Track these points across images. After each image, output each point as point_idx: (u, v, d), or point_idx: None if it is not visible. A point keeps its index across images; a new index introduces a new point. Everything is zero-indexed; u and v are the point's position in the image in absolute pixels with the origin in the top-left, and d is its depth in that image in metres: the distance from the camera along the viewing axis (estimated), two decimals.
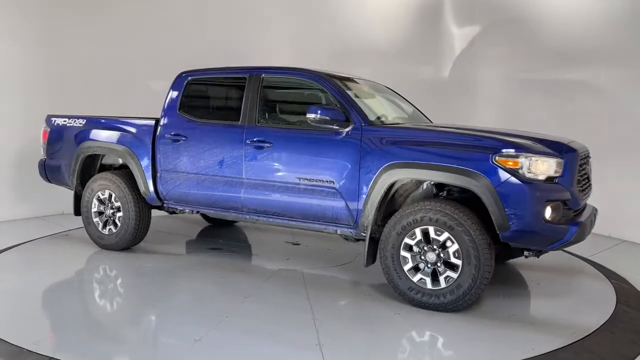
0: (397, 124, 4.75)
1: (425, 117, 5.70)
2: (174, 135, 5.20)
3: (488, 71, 7.93)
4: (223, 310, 4.04)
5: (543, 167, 3.79)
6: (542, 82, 7.47)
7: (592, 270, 5.35)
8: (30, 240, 6.08)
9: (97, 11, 7.88)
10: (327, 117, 4.32)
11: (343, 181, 4.36)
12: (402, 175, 4.14)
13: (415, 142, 4.15)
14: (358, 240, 4.71)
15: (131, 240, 5.57)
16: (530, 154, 3.79)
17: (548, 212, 3.77)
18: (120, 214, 5.54)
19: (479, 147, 3.91)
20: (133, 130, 5.48)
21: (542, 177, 3.79)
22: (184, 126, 5.19)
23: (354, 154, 4.32)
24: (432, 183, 4.40)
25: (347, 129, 4.37)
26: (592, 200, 4.51)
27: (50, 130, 6.06)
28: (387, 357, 3.46)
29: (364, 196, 4.26)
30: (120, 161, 5.97)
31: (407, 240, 4.08)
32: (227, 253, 5.79)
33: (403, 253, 4.11)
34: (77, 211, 5.92)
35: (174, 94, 5.35)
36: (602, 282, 4.96)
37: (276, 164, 4.68)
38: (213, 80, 5.46)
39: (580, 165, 4.14)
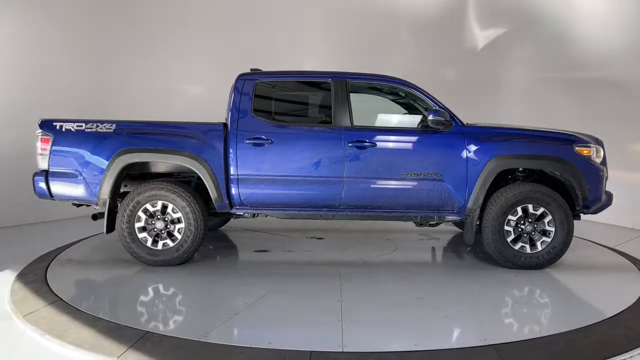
0: (476, 124, 5.62)
1: None
2: (255, 139, 5.15)
3: (512, 71, 8.62)
4: (410, 293, 4.50)
5: (600, 154, 5.27)
6: (564, 81, 8.11)
7: (618, 258, 5.90)
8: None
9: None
10: (442, 119, 5.04)
11: (451, 173, 5.12)
12: (508, 166, 5.12)
13: (514, 138, 5.19)
14: (431, 224, 5.51)
15: (193, 251, 5.26)
16: (593, 144, 5.21)
17: (605, 185, 5.26)
18: (180, 225, 5.18)
19: (561, 140, 5.17)
20: (199, 135, 5.17)
21: (599, 161, 5.26)
22: (266, 130, 5.18)
23: (460, 150, 5.12)
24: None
25: (451, 129, 5.15)
26: (616, 193, 5.45)
27: (54, 137, 5.20)
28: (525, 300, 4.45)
29: (473, 185, 5.11)
30: (155, 168, 5.52)
31: (509, 216, 5.12)
32: (281, 253, 5.90)
33: (506, 227, 5.13)
34: (111, 227, 5.24)
35: (243, 97, 5.27)
36: (629, 267, 5.49)
37: (381, 162, 5.15)
38: (287, 83, 5.53)
39: None
